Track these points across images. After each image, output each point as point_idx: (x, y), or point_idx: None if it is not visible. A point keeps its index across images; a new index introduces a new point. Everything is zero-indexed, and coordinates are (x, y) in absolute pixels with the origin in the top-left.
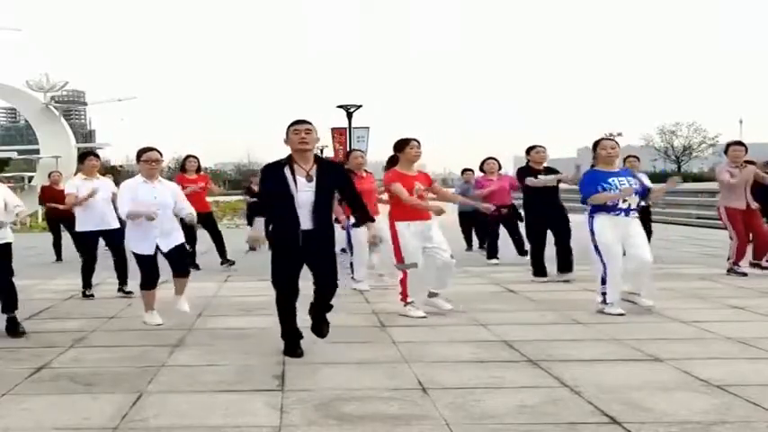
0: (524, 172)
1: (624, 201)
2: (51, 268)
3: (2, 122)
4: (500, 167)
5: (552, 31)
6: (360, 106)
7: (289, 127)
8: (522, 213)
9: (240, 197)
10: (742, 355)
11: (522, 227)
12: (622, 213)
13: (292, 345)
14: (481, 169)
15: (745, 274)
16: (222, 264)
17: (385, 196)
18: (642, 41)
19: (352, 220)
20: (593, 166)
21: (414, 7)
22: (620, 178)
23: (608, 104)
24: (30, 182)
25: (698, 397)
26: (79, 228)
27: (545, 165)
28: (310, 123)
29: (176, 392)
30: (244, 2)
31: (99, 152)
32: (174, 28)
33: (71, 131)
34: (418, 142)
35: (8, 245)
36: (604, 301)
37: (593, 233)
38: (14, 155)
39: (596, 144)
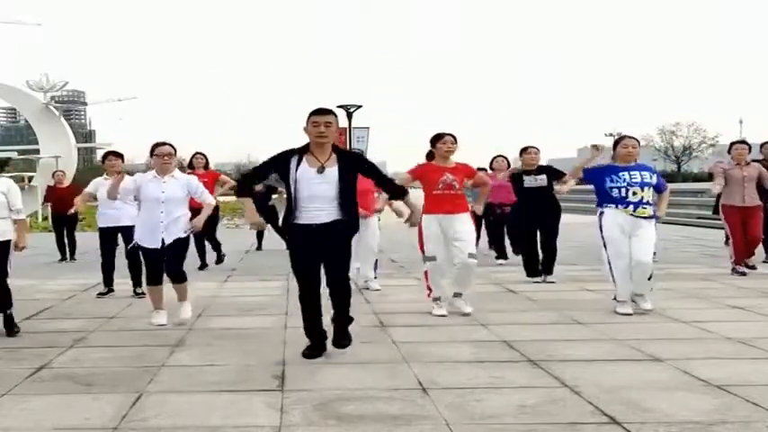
0: (515, 178)
1: (634, 194)
2: (52, 268)
3: (2, 122)
4: (509, 165)
5: (552, 31)
6: (360, 106)
7: (309, 115)
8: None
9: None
10: (742, 355)
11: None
12: (631, 206)
13: (314, 345)
14: (491, 167)
15: (744, 274)
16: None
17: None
18: (642, 41)
19: None
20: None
21: (414, 7)
22: (632, 172)
23: (608, 104)
24: (30, 182)
25: (698, 397)
26: (98, 224)
27: (540, 164)
28: (332, 114)
29: (176, 392)
30: (244, 2)
31: (99, 152)
32: (174, 28)
33: (71, 131)
34: (453, 138)
35: (6, 242)
36: (616, 299)
37: (600, 229)
38: (14, 155)
39: (618, 141)
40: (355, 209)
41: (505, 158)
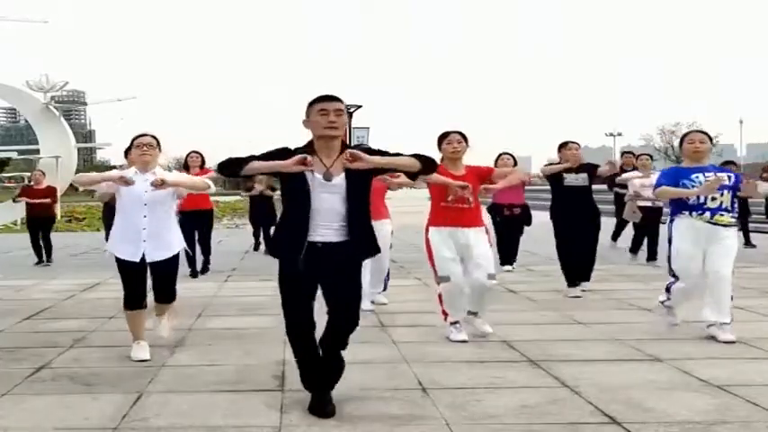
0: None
1: (713, 198)
2: (51, 268)
3: (2, 122)
4: (515, 163)
5: (552, 31)
6: (360, 106)
7: (312, 104)
8: (531, 216)
9: (240, 197)
10: (742, 355)
11: (527, 231)
12: (708, 213)
13: (319, 395)
14: (495, 164)
15: None
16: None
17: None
18: (643, 41)
19: None
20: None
21: (414, 7)
22: (706, 174)
23: (608, 104)
24: (30, 182)
25: (698, 397)
26: None
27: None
28: (341, 101)
29: (176, 392)
30: (244, 3)
31: (99, 152)
32: (174, 28)
33: (71, 131)
34: (460, 135)
35: None
36: (665, 303)
37: (670, 240)
38: (14, 155)
39: (683, 137)
40: (369, 226)
41: (511, 155)
